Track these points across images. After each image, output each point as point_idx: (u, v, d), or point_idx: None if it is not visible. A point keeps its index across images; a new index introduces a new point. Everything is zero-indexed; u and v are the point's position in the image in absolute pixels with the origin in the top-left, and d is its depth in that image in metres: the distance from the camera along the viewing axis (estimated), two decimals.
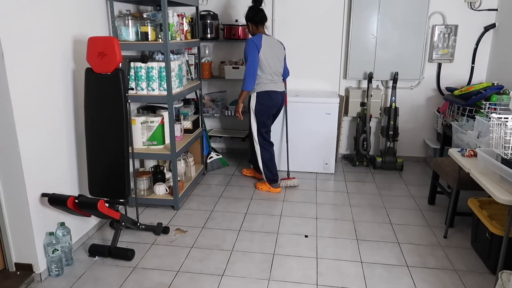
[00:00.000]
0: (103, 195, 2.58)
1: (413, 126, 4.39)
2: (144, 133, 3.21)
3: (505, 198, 1.94)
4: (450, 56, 4.09)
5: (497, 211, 2.50)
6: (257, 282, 2.36)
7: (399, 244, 2.78)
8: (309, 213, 3.25)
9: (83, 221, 2.78)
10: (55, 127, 2.50)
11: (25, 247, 2.36)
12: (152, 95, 3.08)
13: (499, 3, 3.90)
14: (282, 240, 2.83)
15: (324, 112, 3.91)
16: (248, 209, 3.32)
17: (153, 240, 2.82)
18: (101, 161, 2.59)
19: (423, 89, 4.28)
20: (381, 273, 2.45)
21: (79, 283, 2.35)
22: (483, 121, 2.73)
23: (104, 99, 2.54)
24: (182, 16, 3.31)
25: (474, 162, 2.40)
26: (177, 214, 3.21)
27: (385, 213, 3.25)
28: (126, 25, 3.05)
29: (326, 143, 3.99)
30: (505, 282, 1.95)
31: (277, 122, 3.98)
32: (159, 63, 3.02)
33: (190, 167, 3.69)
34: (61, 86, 2.54)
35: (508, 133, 2.03)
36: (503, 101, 3.12)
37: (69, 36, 2.60)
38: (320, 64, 4.34)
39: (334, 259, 2.60)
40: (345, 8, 4.15)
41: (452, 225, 2.98)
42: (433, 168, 3.29)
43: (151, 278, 2.40)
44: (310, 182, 3.87)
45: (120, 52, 2.49)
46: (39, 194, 2.36)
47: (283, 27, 4.29)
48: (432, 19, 4.05)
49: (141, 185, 3.29)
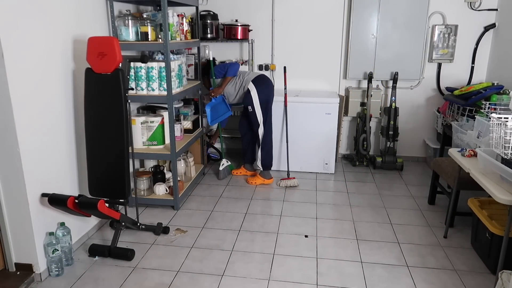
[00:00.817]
0: (103, 195, 2.57)
1: (413, 126, 4.39)
2: (144, 133, 3.21)
3: (505, 198, 1.94)
4: (450, 56, 4.09)
5: (497, 211, 2.50)
6: (257, 282, 2.36)
7: (399, 244, 2.78)
8: (309, 213, 3.25)
9: (83, 221, 2.78)
10: (55, 127, 2.50)
11: (25, 247, 2.36)
12: (152, 95, 3.08)
13: (499, 3, 3.90)
14: (282, 240, 2.83)
15: (324, 112, 3.91)
16: (248, 209, 3.32)
17: (153, 240, 2.82)
18: (101, 161, 2.59)
19: (423, 89, 4.28)
20: (381, 273, 2.45)
21: (79, 283, 2.35)
22: (483, 121, 2.73)
23: (104, 99, 2.53)
24: (182, 16, 3.31)
25: (474, 162, 2.40)
26: (177, 214, 3.21)
27: (385, 213, 3.25)
28: (126, 25, 3.05)
29: (326, 143, 3.99)
30: (505, 282, 1.95)
31: (277, 122, 3.99)
32: (159, 63, 3.02)
33: (190, 167, 3.69)
34: (61, 86, 2.54)
35: (508, 133, 2.03)
36: (503, 101, 3.11)
37: (69, 36, 2.60)
38: (320, 64, 4.34)
39: (334, 259, 2.60)
40: (345, 8, 4.15)
41: (452, 225, 2.98)
42: (433, 168, 3.29)
43: (151, 278, 2.40)
44: (310, 182, 3.87)
45: (120, 52, 2.49)
46: (39, 194, 2.36)
47: (283, 28, 4.29)
48: (432, 19, 4.05)
49: (141, 185, 3.29)
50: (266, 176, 3.83)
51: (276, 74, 4.43)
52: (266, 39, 4.35)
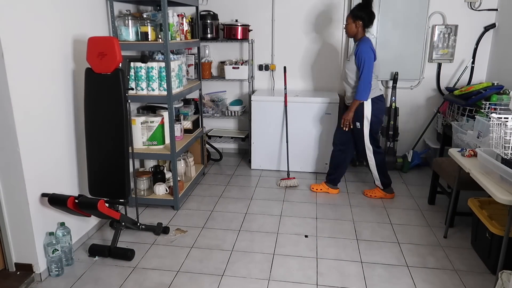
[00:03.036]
0: (103, 195, 2.57)
1: (413, 126, 4.39)
2: (144, 133, 3.21)
3: (505, 198, 1.94)
4: (450, 56, 4.09)
5: (497, 211, 2.50)
6: (257, 282, 2.36)
7: (399, 244, 2.78)
8: (309, 213, 3.25)
9: (83, 221, 2.78)
10: (55, 127, 2.50)
11: (25, 247, 2.36)
12: (152, 95, 3.08)
13: (499, 3, 3.90)
14: (282, 240, 2.83)
15: (324, 112, 3.91)
16: (248, 209, 3.32)
17: (153, 240, 2.82)
18: (101, 161, 2.59)
19: (423, 89, 4.28)
20: (381, 273, 2.45)
21: (79, 283, 2.35)
22: (483, 121, 2.73)
23: (104, 99, 2.54)
24: (182, 16, 3.31)
25: (474, 162, 2.40)
26: (177, 214, 3.21)
27: (385, 213, 3.25)
28: (126, 25, 3.05)
29: (326, 143, 3.99)
30: (505, 282, 1.95)
31: (277, 122, 4.00)
32: (159, 63, 3.02)
33: (190, 167, 3.69)
34: (61, 86, 2.54)
35: (508, 133, 2.03)
36: (503, 101, 3.11)
37: (69, 36, 2.60)
38: (320, 64, 4.34)
39: (334, 259, 2.60)
40: (345, 7, 4.14)
41: (452, 225, 2.98)
42: (433, 168, 3.29)
43: (151, 278, 2.40)
44: (310, 182, 3.87)
45: (120, 52, 2.49)
46: (39, 194, 2.36)
47: (283, 27, 4.29)
48: (432, 19, 4.05)
49: (141, 185, 3.29)
50: (388, 191, 3.52)
51: (276, 74, 4.43)
52: (266, 39, 4.35)
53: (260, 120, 4.04)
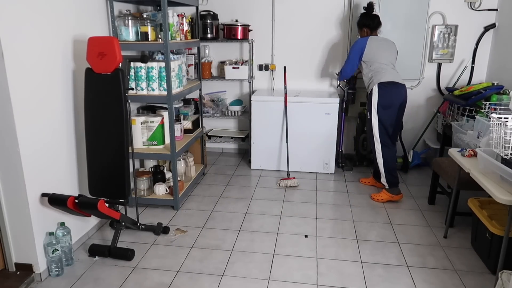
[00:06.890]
0: (103, 195, 2.57)
1: (413, 126, 4.39)
2: (144, 133, 3.21)
3: (505, 198, 1.95)
4: (450, 56, 4.09)
5: (497, 211, 2.50)
6: (257, 282, 2.36)
7: (399, 244, 2.78)
8: (309, 213, 3.25)
9: (83, 221, 2.78)
10: (55, 127, 2.50)
11: (25, 247, 2.36)
12: (152, 95, 3.08)
13: (499, 3, 3.90)
14: (282, 240, 2.83)
15: (324, 112, 3.91)
16: (248, 209, 3.32)
17: (153, 240, 2.82)
18: (101, 161, 2.59)
19: (423, 89, 4.28)
20: (381, 273, 2.45)
21: (79, 283, 2.35)
22: (483, 121, 2.73)
23: (104, 99, 2.54)
24: (182, 16, 3.31)
25: (474, 162, 2.40)
26: (177, 214, 3.21)
27: (385, 213, 3.25)
28: (126, 25, 3.05)
29: (326, 143, 3.99)
30: (505, 282, 1.95)
31: (277, 122, 4.00)
32: (159, 63, 3.02)
33: (190, 167, 3.69)
34: (61, 86, 2.54)
35: (508, 133, 2.03)
36: (503, 101, 3.11)
37: (69, 36, 2.60)
38: (320, 64, 4.34)
39: (334, 259, 2.60)
40: (345, 7, 4.15)
41: (452, 225, 2.98)
42: (433, 168, 3.29)
43: (151, 278, 2.40)
44: (310, 182, 3.87)
45: (120, 52, 2.49)
46: (39, 194, 2.36)
47: (283, 28, 4.30)
48: (432, 19, 4.05)
49: (141, 185, 3.29)
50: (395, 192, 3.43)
51: (276, 74, 4.43)
52: (266, 39, 4.35)
53: (260, 120, 4.04)
